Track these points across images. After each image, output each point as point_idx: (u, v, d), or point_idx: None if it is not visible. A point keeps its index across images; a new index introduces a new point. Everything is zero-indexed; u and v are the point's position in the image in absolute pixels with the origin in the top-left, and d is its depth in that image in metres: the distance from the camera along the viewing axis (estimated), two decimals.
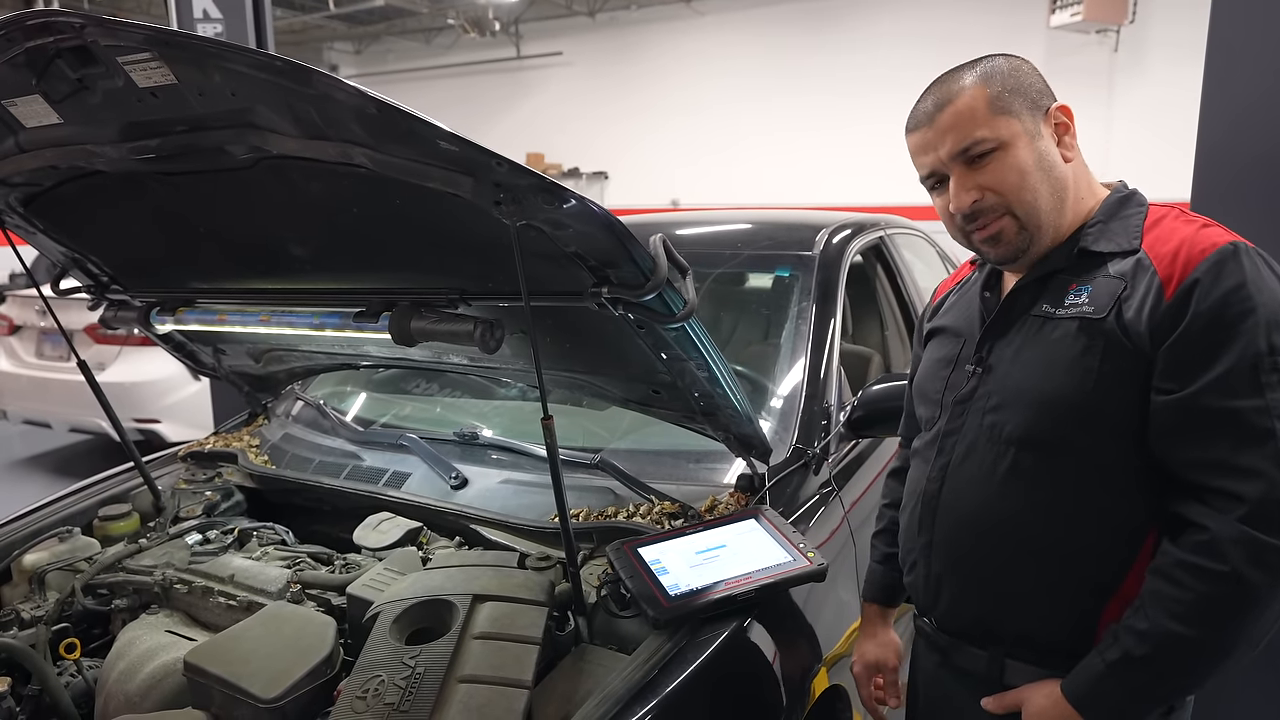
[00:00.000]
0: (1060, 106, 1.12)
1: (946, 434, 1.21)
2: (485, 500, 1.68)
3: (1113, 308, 1.05)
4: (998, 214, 1.10)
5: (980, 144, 1.09)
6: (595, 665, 1.26)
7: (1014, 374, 1.13)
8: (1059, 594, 1.11)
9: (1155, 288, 1.02)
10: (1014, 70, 1.12)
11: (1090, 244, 1.11)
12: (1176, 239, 1.04)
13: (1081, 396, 1.05)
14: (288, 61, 0.96)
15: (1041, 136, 1.10)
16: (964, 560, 1.18)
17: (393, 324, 1.32)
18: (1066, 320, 1.09)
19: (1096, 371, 1.05)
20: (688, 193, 12.12)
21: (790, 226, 2.57)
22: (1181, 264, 1.01)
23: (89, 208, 1.51)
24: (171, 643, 1.42)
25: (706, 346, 1.27)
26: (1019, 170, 1.09)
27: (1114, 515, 1.07)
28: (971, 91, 1.10)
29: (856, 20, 10.60)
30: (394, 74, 14.67)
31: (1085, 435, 1.06)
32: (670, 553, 1.35)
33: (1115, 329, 1.04)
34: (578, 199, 1.02)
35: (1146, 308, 1.02)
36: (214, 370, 2.12)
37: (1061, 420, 1.07)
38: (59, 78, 1.11)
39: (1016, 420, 1.11)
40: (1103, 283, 1.07)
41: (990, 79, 1.10)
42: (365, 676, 1.17)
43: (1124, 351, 1.03)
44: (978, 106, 1.09)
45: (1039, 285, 1.14)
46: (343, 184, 1.18)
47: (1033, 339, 1.12)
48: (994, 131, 1.09)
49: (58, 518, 1.82)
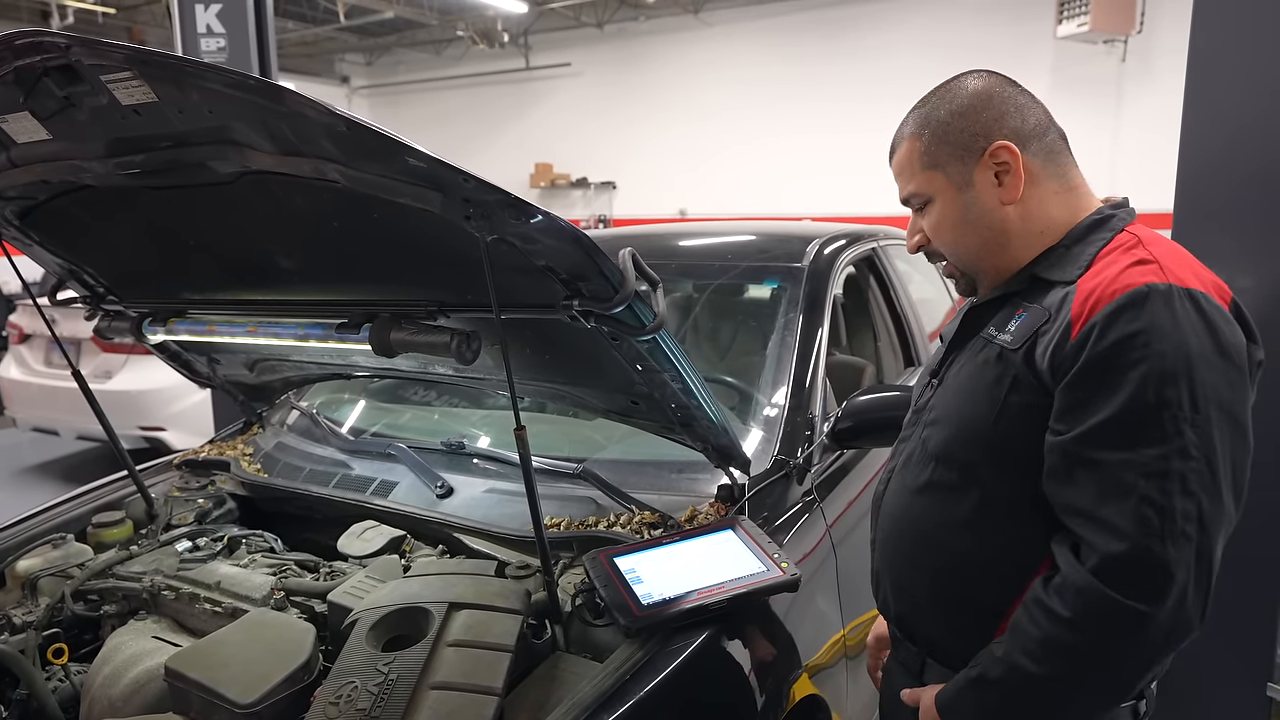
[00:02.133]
0: (999, 145, 1.08)
1: (901, 439, 1.27)
2: (469, 509, 1.70)
3: (1028, 340, 1.04)
4: (939, 259, 1.17)
5: (913, 198, 1.14)
6: (569, 673, 1.27)
7: (949, 391, 1.16)
8: (961, 608, 1.13)
9: (1064, 325, 1.00)
10: (951, 114, 1.10)
11: (1040, 269, 1.10)
12: (1104, 275, 1.01)
13: (988, 425, 1.07)
14: (261, 80, 0.99)
15: (971, 186, 1.09)
16: (893, 562, 1.23)
17: (373, 335, 1.35)
18: (993, 345, 1.10)
19: (1003, 402, 1.05)
20: (695, 203, 12.15)
21: (782, 238, 2.58)
22: (1091, 303, 0.99)
23: (82, 220, 1.55)
24: (156, 648, 1.44)
25: (679, 359, 1.29)
26: (945, 225, 1.12)
27: (1011, 542, 1.08)
28: (906, 144, 1.14)
29: (864, 30, 10.62)
30: (404, 85, 14.81)
31: (989, 462, 1.08)
32: (646, 562, 1.37)
33: (1023, 362, 1.04)
34: (544, 214, 1.04)
35: (1052, 345, 1.01)
36: (209, 379, 2.16)
37: (969, 444, 1.09)
38: (46, 95, 1.14)
39: (939, 436, 1.14)
40: (1034, 312, 1.07)
41: (922, 129, 1.12)
42: (339, 683, 1.19)
43: (1030, 386, 1.03)
44: (911, 160, 1.13)
45: (995, 305, 1.15)
46: (323, 199, 1.20)
47: (971, 360, 1.14)
48: (920, 187, 1.13)
49: (52, 524, 1.86)
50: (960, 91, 1.11)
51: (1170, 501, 0.92)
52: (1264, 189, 1.67)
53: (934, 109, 1.12)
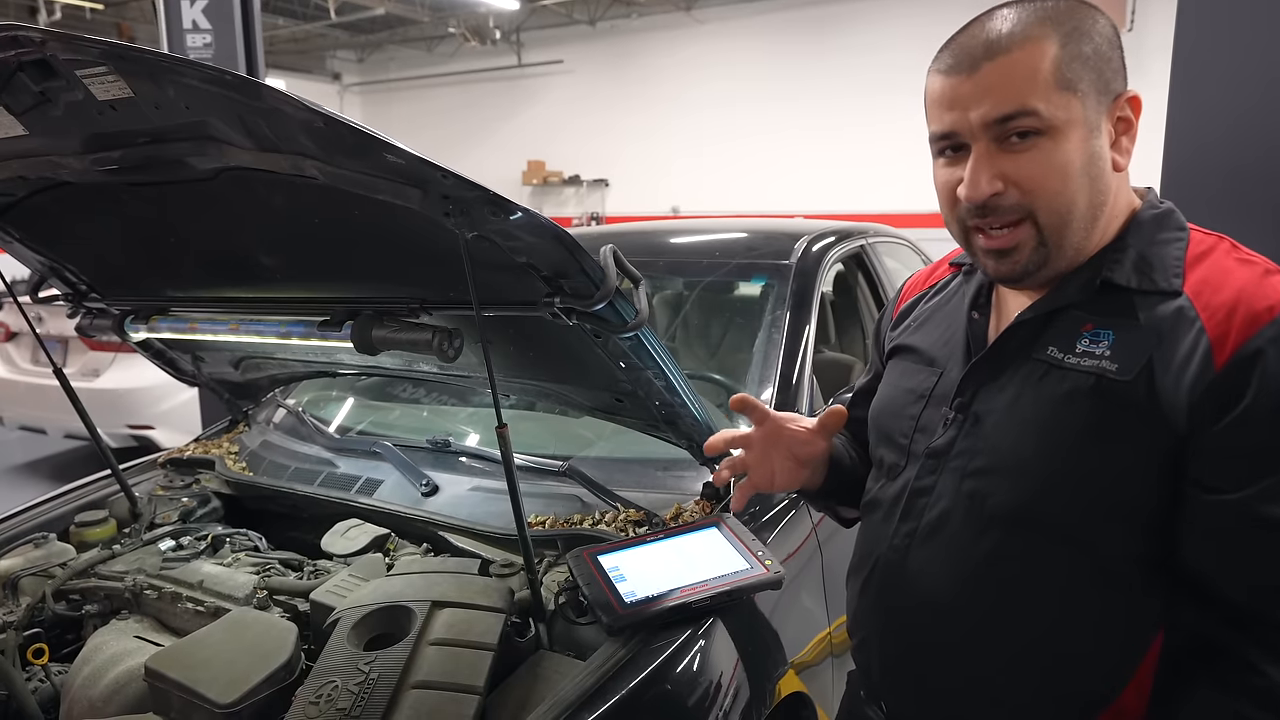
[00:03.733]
0: (1131, 97, 0.86)
1: (916, 493, 0.98)
2: (454, 507, 1.69)
3: (1143, 368, 0.82)
4: (1016, 217, 0.86)
5: (1029, 120, 0.83)
6: (552, 672, 1.27)
7: (1007, 433, 0.90)
8: (1038, 705, 0.91)
9: (1202, 350, 0.79)
10: (1101, 32, 0.85)
11: (1116, 275, 0.87)
12: (1233, 286, 0.81)
13: (1091, 476, 0.84)
14: (237, 76, 0.98)
15: (1099, 132, 0.85)
16: (926, 650, 0.97)
17: (355, 332, 1.34)
18: (1078, 374, 0.86)
19: (1115, 447, 0.83)
20: (688, 200, 12.17)
21: (770, 236, 2.58)
22: (1240, 323, 0.79)
23: (63, 217, 1.54)
24: (137, 648, 1.43)
25: (661, 356, 1.29)
26: (1063, 170, 0.84)
27: (1115, 618, 0.87)
28: (1041, 45, 0.83)
29: (855, 28, 10.65)
30: (396, 82, 14.78)
31: (1090, 523, 0.85)
32: (629, 560, 1.36)
33: (1143, 397, 0.82)
34: (524, 211, 1.04)
35: (1189, 375, 0.80)
36: (194, 377, 2.14)
37: (1063, 502, 0.86)
38: (22, 90, 1.13)
39: (1006, 493, 0.89)
40: (1130, 331, 0.84)
41: (1074, 34, 0.84)
42: (320, 682, 1.18)
43: (1151, 426, 0.81)
44: (1042, 68, 0.82)
45: (1044, 320, 0.91)
46: (303, 195, 1.20)
47: (1033, 390, 0.89)
48: (1052, 109, 0.83)
49: (34, 524, 1.84)
50: (1097, 14, 0.86)
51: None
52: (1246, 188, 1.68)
53: (1082, 14, 0.85)
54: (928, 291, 1.14)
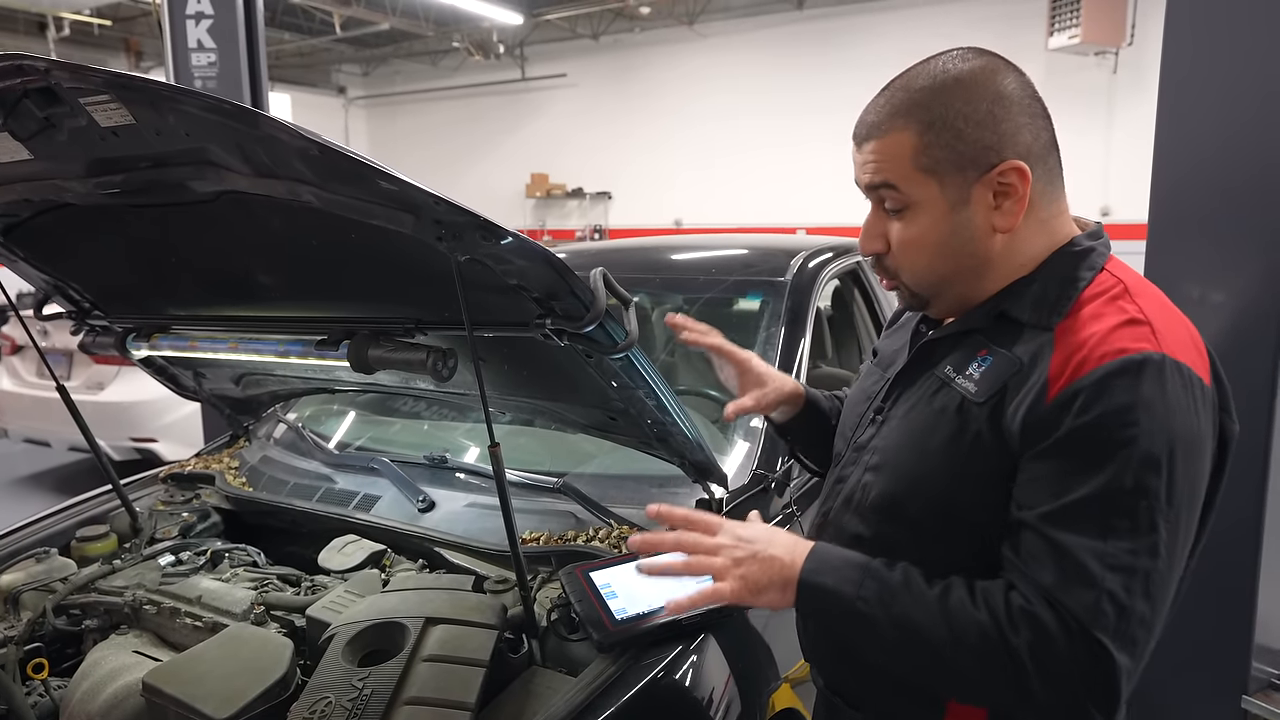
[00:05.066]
0: (1010, 166, 0.92)
1: (837, 480, 1.12)
2: (451, 523, 1.71)
3: (995, 394, 0.92)
4: (889, 274, 1.02)
5: (892, 193, 0.96)
6: (543, 688, 1.28)
7: (898, 435, 1.03)
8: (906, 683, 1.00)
9: (1041, 384, 0.88)
10: (966, 119, 0.92)
11: (1010, 308, 0.96)
12: (1087, 330, 0.88)
13: (941, 486, 0.95)
14: (235, 105, 1.00)
15: (966, 205, 0.94)
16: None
17: (351, 352, 1.36)
18: (953, 392, 0.97)
19: (965, 460, 0.93)
20: (691, 213, 12.20)
21: (767, 252, 2.60)
22: (1075, 365, 0.86)
23: (66, 237, 1.56)
24: (136, 663, 1.45)
25: (652, 376, 1.31)
26: (922, 244, 0.96)
27: None
28: (897, 135, 0.94)
29: (857, 41, 10.70)
30: (401, 95, 14.86)
31: (940, 522, 0.96)
32: (621, 577, 1.38)
33: (989, 419, 0.91)
34: (514, 236, 1.06)
35: (1025, 404, 0.88)
36: (195, 393, 2.17)
37: (919, 500, 0.97)
38: (27, 117, 1.16)
39: (883, 487, 1.02)
40: (1002, 360, 0.93)
41: (925, 123, 0.93)
42: (314, 698, 1.20)
43: (993, 448, 0.91)
44: (899, 154, 0.94)
45: (954, 341, 1.01)
46: (300, 218, 1.22)
47: (925, 401, 1.00)
48: (906, 189, 0.95)
49: (36, 538, 1.87)
50: (980, 90, 0.92)
51: (1132, 603, 0.83)
52: (1235, 204, 1.70)
53: (945, 101, 0.92)
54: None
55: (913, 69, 0.98)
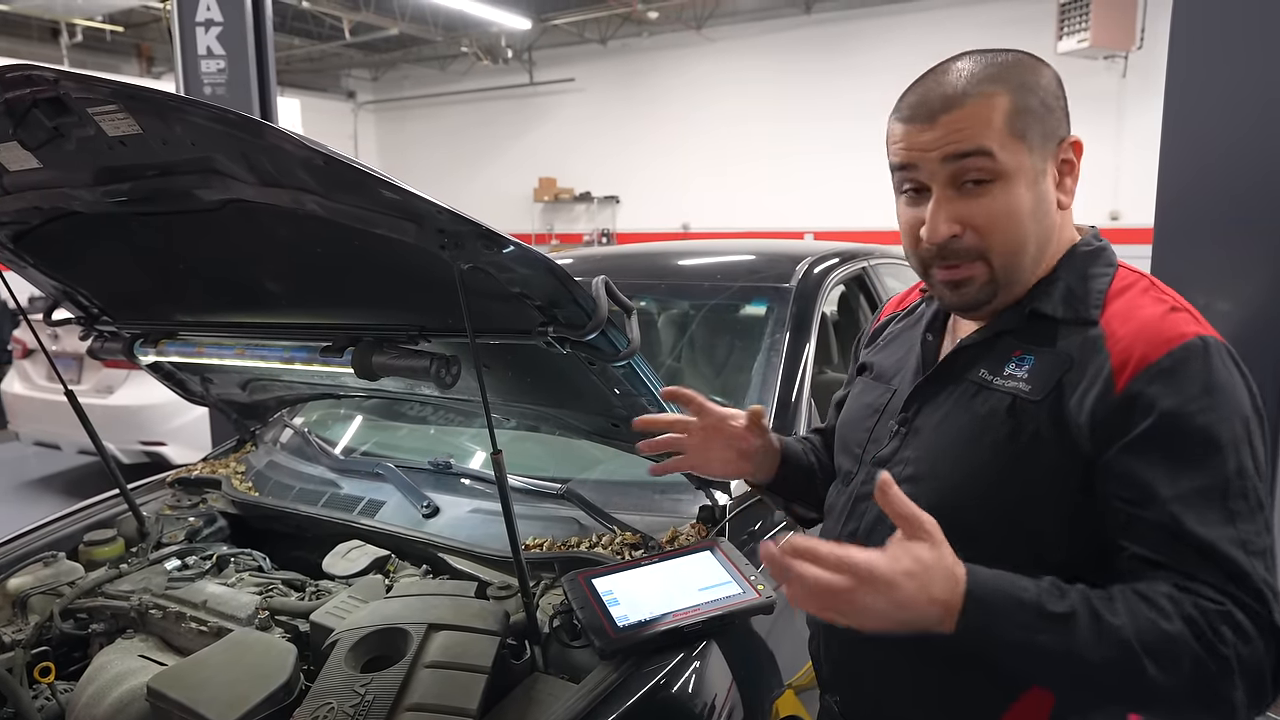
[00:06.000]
0: (1074, 141, 0.96)
1: (860, 497, 1.07)
2: (455, 529, 1.71)
3: (1052, 390, 0.90)
4: (972, 257, 0.94)
5: (984, 161, 0.90)
6: (545, 695, 1.28)
7: (935, 444, 0.99)
8: (957, 699, 0.97)
9: (1105, 375, 0.87)
10: (1045, 85, 0.93)
11: (1043, 306, 0.95)
12: (1139, 319, 0.89)
13: (999, 486, 0.92)
14: (240, 115, 1.01)
15: (1045, 176, 0.94)
16: (862, 646, 0.98)
17: (356, 359, 1.37)
18: (1000, 394, 0.94)
19: (1022, 461, 0.90)
20: (698, 217, 12.22)
21: (772, 258, 2.60)
22: (1140, 352, 0.86)
23: (75, 244, 1.58)
24: (141, 667, 1.46)
25: (654, 383, 1.31)
26: (1014, 213, 0.92)
27: None
28: (993, 99, 0.91)
29: (866, 45, 10.70)
30: (410, 100, 14.94)
31: (998, 530, 0.91)
32: (623, 583, 1.38)
33: (1050, 416, 0.89)
34: (516, 245, 1.07)
35: (1090, 397, 0.87)
36: (203, 398, 2.18)
37: (973, 508, 0.93)
38: (36, 126, 1.17)
39: (928, 498, 0.92)
40: (1048, 357, 0.92)
41: (1020, 89, 0.92)
42: (317, 704, 1.20)
43: (1057, 443, 0.89)
44: (995, 119, 0.90)
45: (984, 346, 0.99)
46: (306, 226, 1.23)
47: (962, 407, 0.98)
48: (1004, 155, 0.90)
49: (44, 542, 1.88)
50: (1045, 71, 0.95)
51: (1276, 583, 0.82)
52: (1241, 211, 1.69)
53: (1026, 72, 0.93)
54: (899, 314, 1.22)
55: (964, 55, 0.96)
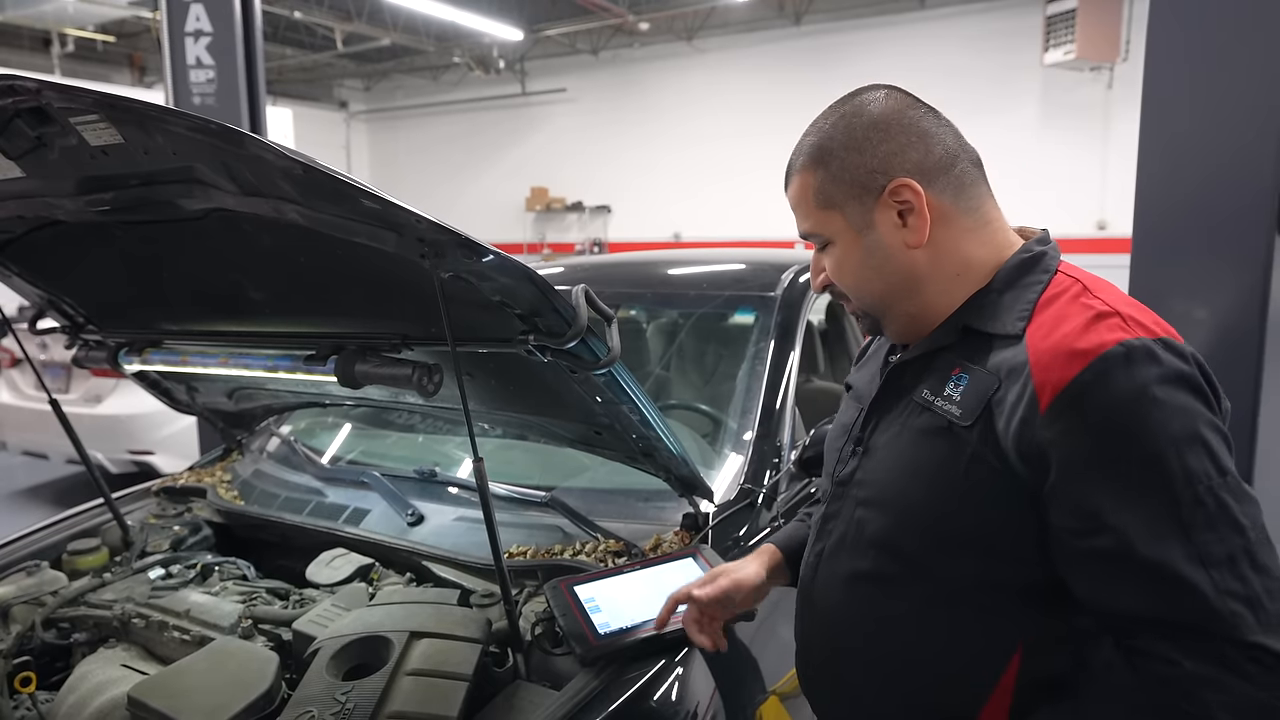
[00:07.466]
0: (899, 184, 0.94)
1: (826, 517, 1.10)
2: (439, 537, 1.71)
3: (981, 413, 0.88)
4: (845, 298, 1.04)
5: (811, 237, 1.03)
6: (527, 702, 1.29)
7: (885, 466, 1.01)
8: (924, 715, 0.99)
9: (1029, 397, 0.84)
10: (846, 148, 0.97)
11: (974, 321, 0.95)
12: (1059, 333, 0.86)
13: (939, 512, 0.92)
14: (221, 125, 1.02)
15: (873, 228, 0.97)
16: (827, 663, 1.08)
17: (339, 367, 1.38)
18: (937, 415, 0.94)
19: (960, 487, 0.89)
20: (689, 226, 12.24)
21: (758, 267, 2.61)
22: (1060, 368, 0.83)
23: (60, 253, 1.58)
24: (123, 677, 1.45)
25: (635, 391, 1.32)
26: (849, 269, 1.00)
27: (968, 640, 0.94)
28: (799, 179, 1.02)
29: (855, 57, 10.77)
30: (402, 110, 14.95)
31: (940, 552, 0.93)
32: (605, 591, 1.38)
33: (981, 441, 0.88)
34: (496, 254, 1.08)
35: (1016, 419, 0.85)
36: (189, 407, 2.18)
37: (916, 532, 0.94)
38: (19, 135, 1.18)
39: (879, 521, 0.99)
40: (979, 376, 0.91)
41: (816, 163, 0.99)
42: (297, 712, 1.20)
43: (991, 468, 0.87)
44: (804, 198, 1.01)
45: (924, 362, 1.00)
46: (288, 235, 1.24)
47: (909, 427, 0.98)
48: (816, 227, 1.01)
49: (27, 552, 1.87)
50: (856, 120, 0.98)
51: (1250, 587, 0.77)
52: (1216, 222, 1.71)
53: (828, 139, 0.99)
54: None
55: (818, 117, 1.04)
